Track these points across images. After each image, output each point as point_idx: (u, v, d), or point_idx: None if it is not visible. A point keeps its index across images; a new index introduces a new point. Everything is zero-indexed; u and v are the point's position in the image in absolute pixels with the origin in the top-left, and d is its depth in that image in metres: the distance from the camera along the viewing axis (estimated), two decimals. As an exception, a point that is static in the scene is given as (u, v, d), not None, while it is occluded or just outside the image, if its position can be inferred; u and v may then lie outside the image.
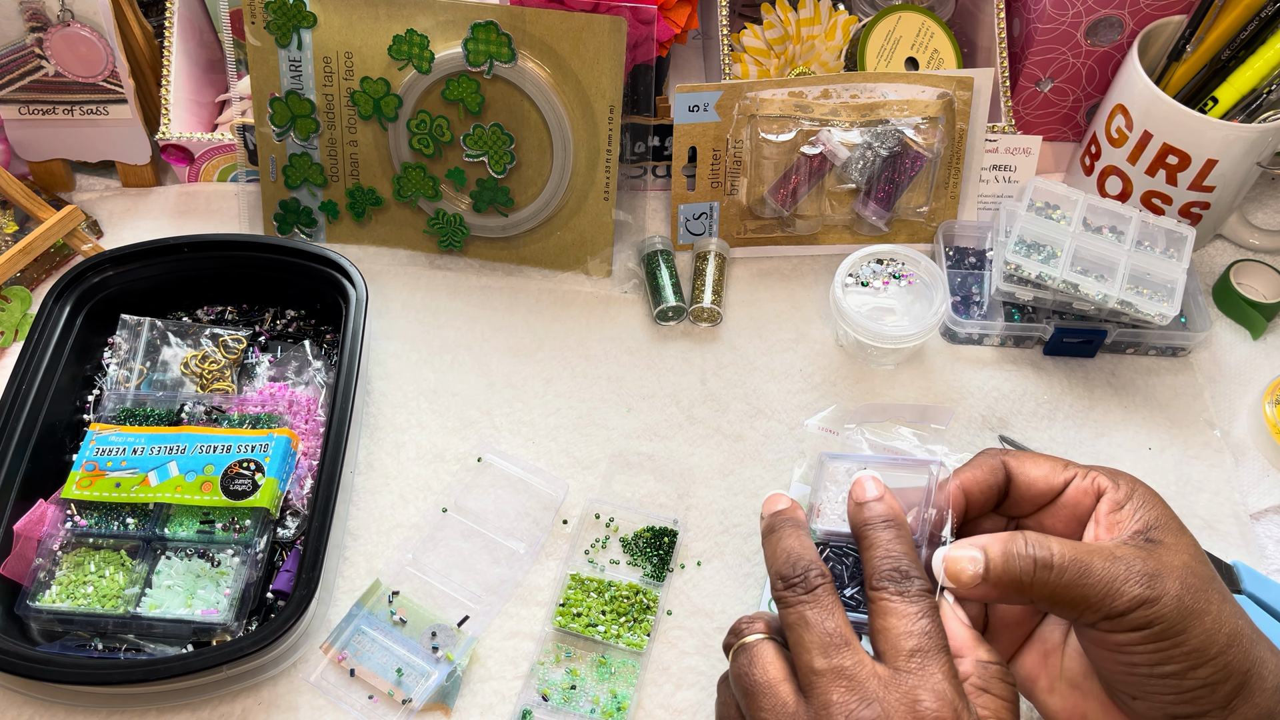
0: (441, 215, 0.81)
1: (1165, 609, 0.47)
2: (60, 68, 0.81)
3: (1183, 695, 0.47)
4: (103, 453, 0.66)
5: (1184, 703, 0.48)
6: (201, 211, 0.87)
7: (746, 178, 0.82)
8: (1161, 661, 0.47)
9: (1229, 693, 0.47)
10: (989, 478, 0.53)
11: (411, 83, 0.76)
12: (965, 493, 0.53)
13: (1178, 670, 0.47)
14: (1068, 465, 0.53)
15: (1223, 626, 0.47)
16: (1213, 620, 0.47)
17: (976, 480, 0.53)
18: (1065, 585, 0.47)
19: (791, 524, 0.51)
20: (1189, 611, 0.47)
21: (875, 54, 0.86)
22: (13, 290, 0.80)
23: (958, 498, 0.53)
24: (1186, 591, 0.47)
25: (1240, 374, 0.80)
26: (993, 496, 0.54)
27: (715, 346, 0.79)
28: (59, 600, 0.62)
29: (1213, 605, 0.47)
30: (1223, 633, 0.47)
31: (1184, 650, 0.47)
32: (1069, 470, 0.52)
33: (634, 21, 0.74)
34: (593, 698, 0.62)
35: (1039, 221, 0.77)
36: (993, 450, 0.55)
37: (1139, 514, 0.50)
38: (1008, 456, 0.54)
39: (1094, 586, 0.47)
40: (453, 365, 0.77)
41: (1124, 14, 0.82)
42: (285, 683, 0.62)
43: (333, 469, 0.64)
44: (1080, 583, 0.47)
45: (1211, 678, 0.47)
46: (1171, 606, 0.47)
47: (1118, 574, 0.47)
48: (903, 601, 0.47)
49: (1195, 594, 0.47)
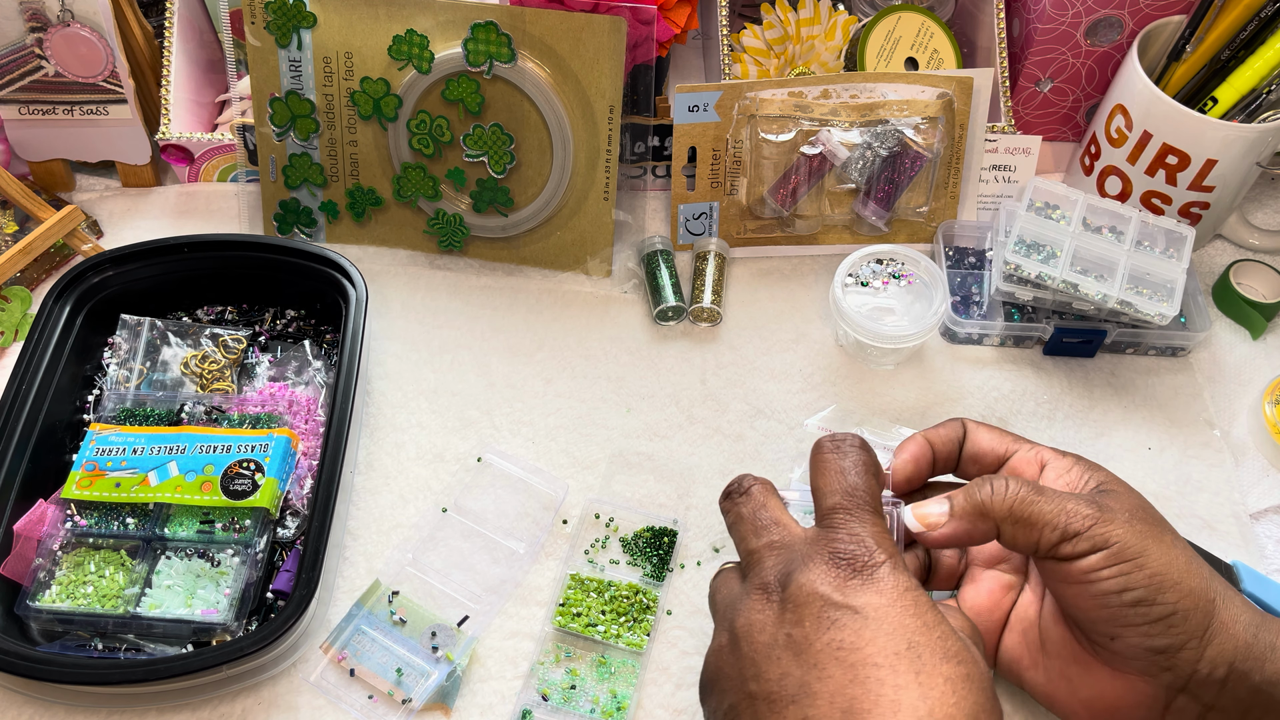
0: (441, 215, 0.81)
1: (1119, 527, 0.49)
2: (60, 68, 0.81)
3: (1155, 625, 0.49)
4: (103, 453, 0.66)
5: (1158, 634, 0.49)
6: (201, 211, 0.87)
7: (746, 178, 0.82)
8: (1127, 586, 0.49)
9: (1200, 621, 0.49)
10: (950, 434, 0.58)
11: (411, 83, 0.76)
12: (930, 442, 0.58)
13: (1145, 596, 0.49)
14: (1018, 439, 0.57)
15: (1180, 553, 0.50)
16: (1169, 546, 0.50)
17: (939, 435, 0.58)
18: (1023, 500, 0.51)
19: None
20: (1143, 534, 0.50)
21: (875, 54, 0.86)
22: (13, 290, 0.80)
23: (921, 446, 0.58)
24: (1136, 519, 0.50)
25: (1240, 374, 0.80)
26: (954, 450, 0.58)
27: (715, 346, 0.79)
28: (59, 600, 0.62)
29: (1166, 535, 0.51)
30: (1181, 558, 0.50)
31: (1146, 573, 0.49)
32: (1017, 443, 0.57)
33: (634, 21, 0.74)
34: (593, 698, 0.62)
35: (1039, 221, 0.77)
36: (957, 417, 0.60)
37: (1085, 477, 0.54)
38: (968, 420, 0.59)
39: (1049, 504, 0.50)
40: (453, 365, 0.77)
41: (1124, 14, 0.82)
42: (285, 683, 0.62)
43: (333, 469, 0.64)
44: (1037, 498, 0.50)
45: (1180, 603, 0.49)
46: (1124, 526, 0.50)
47: (1069, 499, 0.51)
48: (835, 455, 0.51)
49: (1146, 523, 0.50)
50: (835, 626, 0.45)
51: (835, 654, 0.44)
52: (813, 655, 0.44)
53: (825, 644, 0.44)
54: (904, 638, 0.44)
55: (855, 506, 0.49)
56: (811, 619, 0.45)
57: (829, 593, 0.45)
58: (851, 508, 0.49)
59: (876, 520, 0.49)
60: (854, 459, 0.51)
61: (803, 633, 0.45)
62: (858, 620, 0.45)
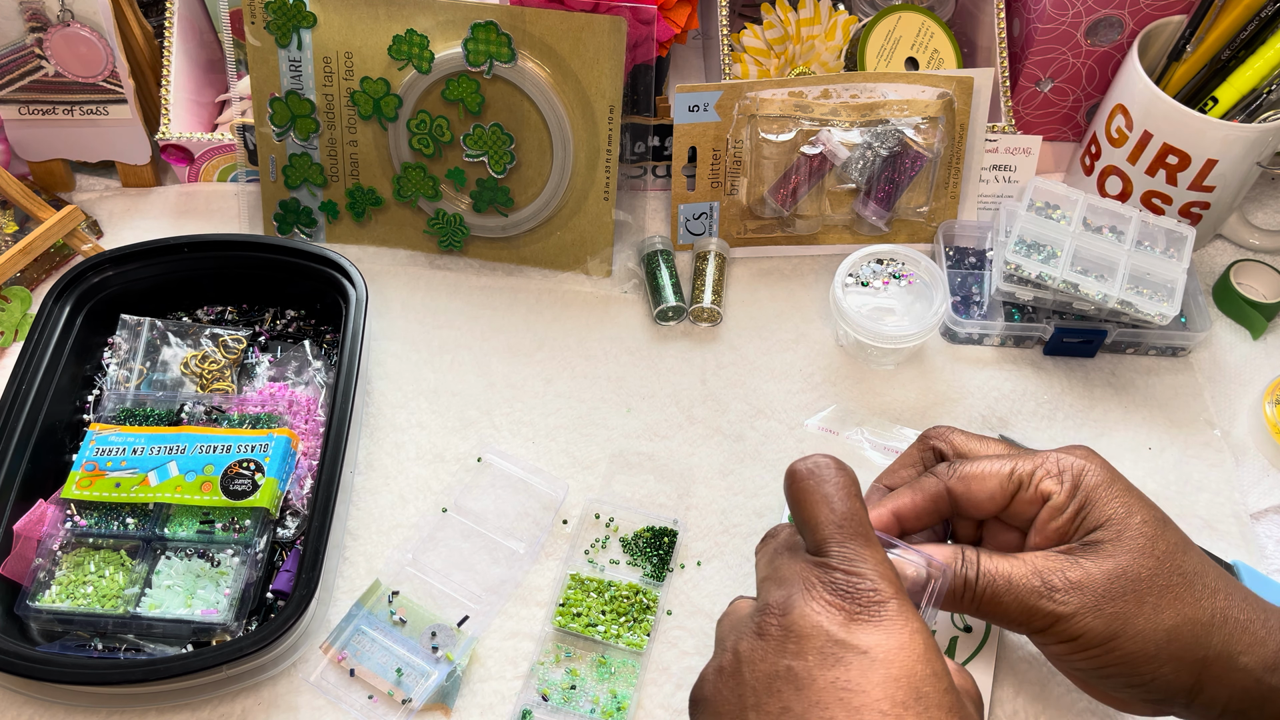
0: (441, 215, 0.81)
1: (1081, 622, 0.49)
2: (60, 68, 0.81)
3: (1135, 689, 0.50)
4: (103, 453, 0.66)
5: (1140, 694, 0.50)
6: (201, 211, 0.87)
7: (746, 178, 0.82)
8: (1101, 667, 0.50)
9: (1185, 681, 0.49)
10: (929, 505, 0.55)
11: (411, 83, 0.76)
12: (899, 519, 0.55)
13: (1121, 672, 0.49)
14: (1014, 471, 0.54)
15: (1159, 625, 0.49)
16: (1145, 621, 0.49)
17: (914, 506, 0.55)
18: (986, 603, 0.50)
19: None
20: (1113, 618, 0.49)
21: (875, 54, 0.86)
22: (13, 290, 0.80)
23: (888, 522, 0.55)
24: (1109, 600, 0.49)
25: (1240, 374, 0.80)
26: (933, 519, 0.56)
27: (715, 346, 0.79)
28: (59, 600, 0.62)
29: (1146, 606, 0.49)
30: (1159, 631, 0.49)
31: (1118, 655, 0.49)
32: (1013, 480, 0.54)
33: (634, 21, 0.74)
34: (593, 698, 0.62)
35: (1039, 221, 0.77)
36: (934, 440, 0.57)
37: (1080, 516, 0.52)
38: (952, 480, 0.55)
39: (1011, 607, 0.50)
40: (453, 365, 0.77)
41: (1124, 14, 0.82)
42: (285, 683, 0.62)
43: (333, 469, 0.64)
44: (998, 602, 0.50)
45: (1158, 672, 0.49)
46: (1089, 619, 0.49)
47: (1031, 593, 0.50)
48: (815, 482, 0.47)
49: (1122, 600, 0.49)
50: (840, 665, 0.42)
51: (839, 694, 0.42)
52: (815, 692, 0.42)
53: (829, 682, 0.42)
54: (912, 687, 0.41)
55: (848, 536, 0.45)
56: (814, 653, 0.43)
57: (833, 629, 0.43)
58: (845, 538, 0.45)
59: (874, 548, 0.45)
60: (835, 483, 0.47)
61: (805, 666, 0.43)
62: (864, 661, 0.42)
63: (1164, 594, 0.49)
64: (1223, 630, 0.49)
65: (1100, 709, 0.62)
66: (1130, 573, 0.50)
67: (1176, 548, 0.51)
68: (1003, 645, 0.64)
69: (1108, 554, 0.50)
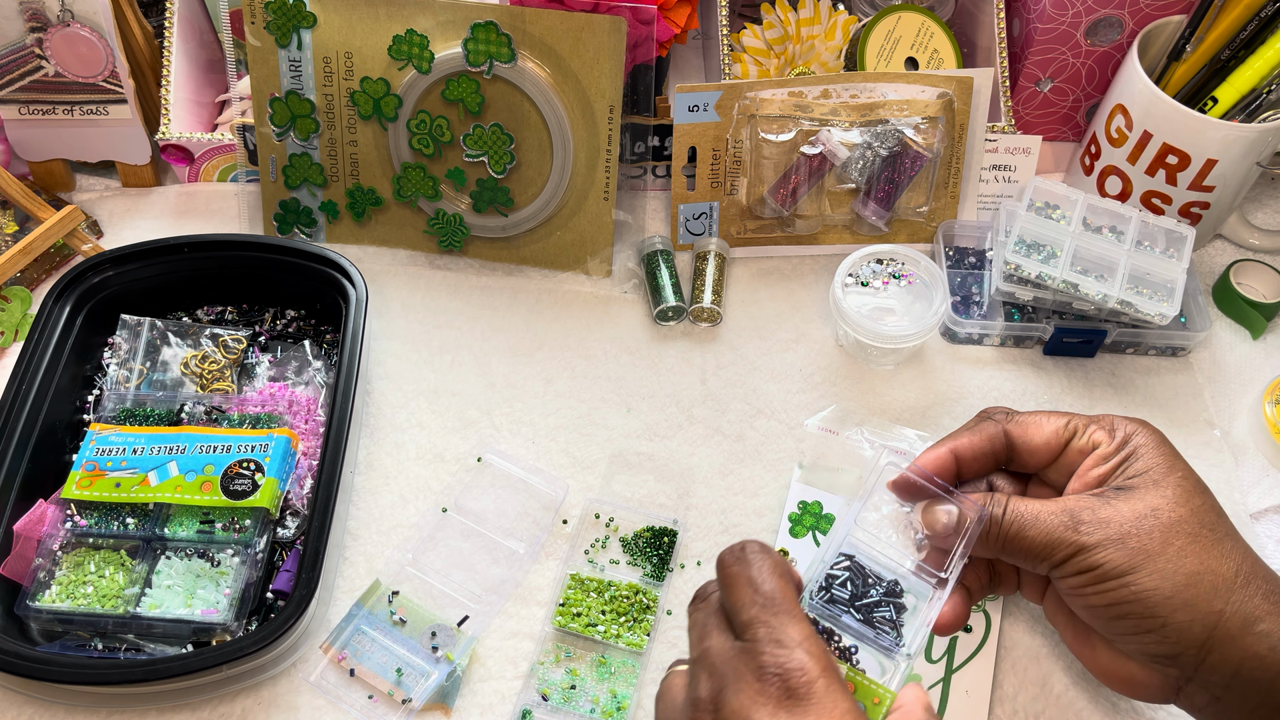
0: (441, 215, 0.81)
1: (1103, 553, 0.50)
2: (60, 68, 0.81)
3: (1146, 636, 0.50)
4: (103, 453, 0.66)
5: (1151, 643, 0.50)
6: (201, 211, 0.87)
7: (746, 178, 0.82)
8: (1115, 603, 0.50)
9: (1198, 634, 0.49)
10: (986, 445, 0.56)
11: (411, 83, 0.76)
12: (957, 458, 0.56)
13: (1135, 611, 0.49)
14: (1070, 422, 0.55)
15: (1181, 568, 0.49)
16: (1167, 561, 0.49)
17: (972, 446, 0.56)
18: (1011, 538, 0.52)
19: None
20: (1137, 551, 0.49)
21: (875, 54, 0.86)
22: (13, 290, 0.80)
23: (945, 461, 0.56)
24: (1134, 535, 0.50)
25: (1240, 374, 0.80)
26: (989, 463, 0.57)
27: (715, 346, 0.79)
28: (59, 600, 0.62)
29: (1170, 548, 0.50)
30: (1180, 573, 0.49)
31: (1134, 591, 0.49)
32: (1069, 429, 0.55)
33: (634, 21, 0.74)
34: (593, 697, 0.62)
35: (1039, 221, 0.77)
36: (995, 413, 0.58)
37: (1122, 466, 0.53)
38: (1010, 424, 0.56)
39: (1035, 539, 0.51)
40: (453, 365, 0.77)
41: (1124, 14, 0.82)
42: (285, 683, 0.62)
43: (333, 469, 0.64)
44: (1023, 535, 0.51)
45: (1172, 617, 0.49)
46: (1111, 550, 0.50)
47: (1058, 525, 0.51)
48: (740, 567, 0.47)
49: (1147, 536, 0.50)
50: None
51: None
52: None
53: None
54: None
55: (773, 615, 0.45)
56: None
57: (764, 718, 0.42)
58: (769, 618, 0.45)
59: (799, 624, 0.45)
60: (759, 565, 0.47)
61: None
62: None
63: (1191, 541, 0.50)
64: (1244, 591, 0.49)
65: (1099, 709, 0.62)
66: (1160, 513, 0.50)
67: (1212, 509, 0.52)
68: (1003, 645, 0.64)
69: (1140, 496, 0.51)
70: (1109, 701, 0.63)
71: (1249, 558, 0.50)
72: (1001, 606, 0.66)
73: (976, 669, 0.63)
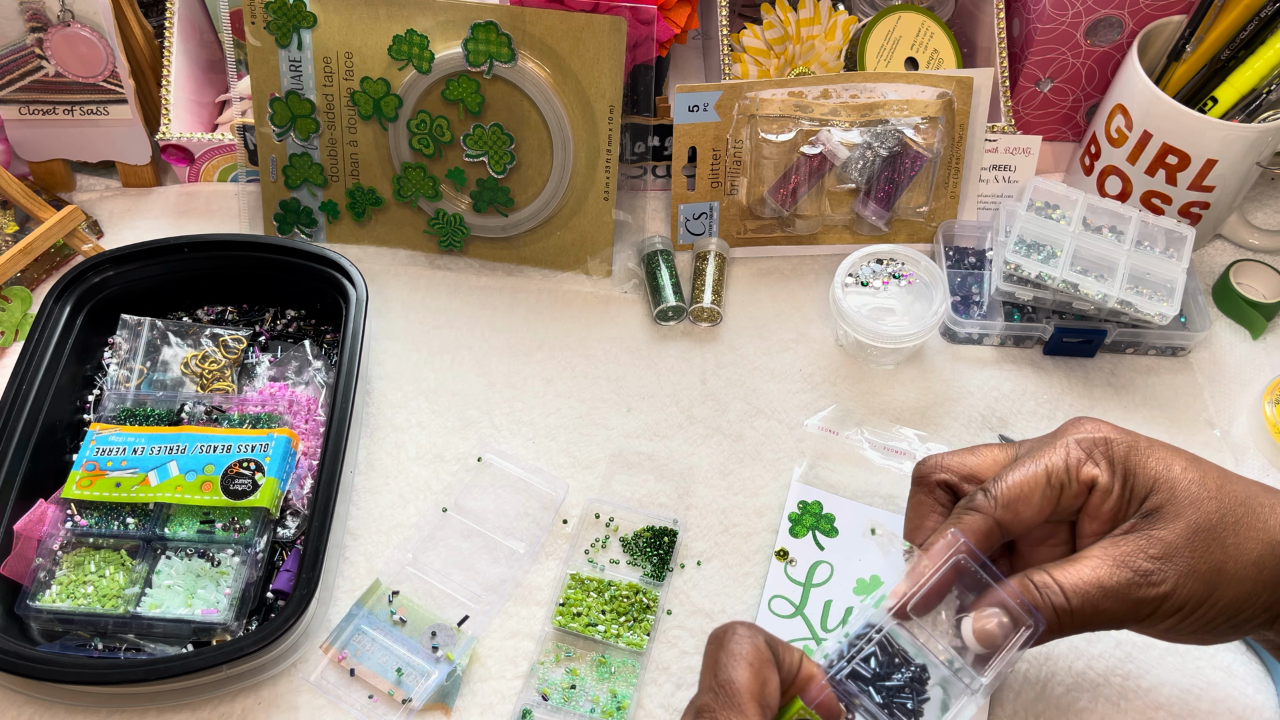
0: (441, 215, 0.81)
1: (1183, 591, 0.48)
2: (60, 68, 0.81)
3: (1242, 625, 0.50)
4: (103, 453, 0.66)
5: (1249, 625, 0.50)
6: (201, 211, 0.87)
7: (746, 178, 0.82)
8: (1208, 622, 0.49)
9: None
10: (984, 545, 0.52)
11: (411, 83, 0.76)
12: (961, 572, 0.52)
13: (1225, 615, 0.49)
14: (1051, 476, 0.51)
15: (1246, 560, 0.49)
16: (1234, 564, 0.49)
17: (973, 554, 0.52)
18: (1089, 619, 0.48)
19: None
20: (1208, 573, 0.48)
21: (875, 54, 0.86)
22: (13, 290, 0.80)
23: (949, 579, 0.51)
24: (1198, 558, 0.48)
25: (1240, 374, 0.80)
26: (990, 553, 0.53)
27: (715, 346, 0.79)
28: (59, 600, 0.62)
29: (1229, 548, 0.49)
30: (1248, 566, 0.49)
31: (1221, 605, 0.49)
32: (1054, 485, 0.51)
33: (634, 21, 0.74)
34: (593, 697, 0.62)
35: (1039, 221, 0.77)
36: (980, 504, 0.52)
37: (1127, 490, 0.51)
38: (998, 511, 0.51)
39: (1114, 611, 0.48)
40: (453, 365, 0.77)
41: (1124, 14, 0.82)
42: (285, 682, 0.62)
43: (333, 469, 0.64)
44: (1101, 610, 0.48)
45: (1258, 601, 0.49)
46: (1188, 584, 0.48)
47: (1126, 584, 0.48)
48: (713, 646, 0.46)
49: (1206, 552, 0.48)
50: None
51: None
52: None
53: None
54: None
55: (720, 706, 0.43)
56: None
57: None
58: (717, 708, 0.43)
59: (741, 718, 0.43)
60: (731, 649, 0.44)
61: None
62: None
63: (1238, 529, 0.49)
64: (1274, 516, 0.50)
65: (1099, 709, 0.62)
66: (1203, 524, 0.49)
67: (1223, 478, 0.51)
68: (1003, 645, 0.64)
69: (1173, 515, 0.49)
70: (1109, 701, 0.63)
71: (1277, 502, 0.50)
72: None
73: (976, 669, 0.63)
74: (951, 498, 0.54)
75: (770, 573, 0.67)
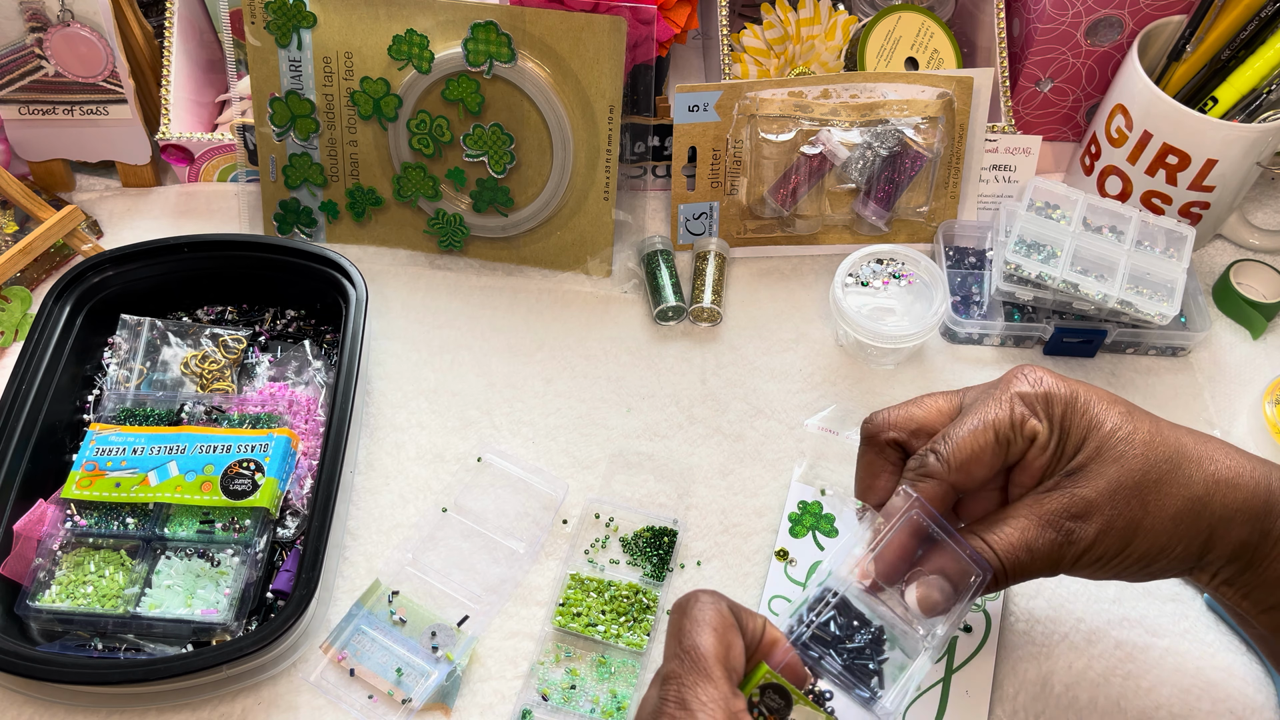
0: (441, 215, 0.81)
1: (1102, 543, 0.50)
2: (60, 68, 0.81)
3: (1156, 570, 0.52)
4: (103, 453, 0.66)
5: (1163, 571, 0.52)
6: (201, 211, 0.87)
7: (746, 178, 0.82)
8: (1122, 570, 0.52)
9: (1198, 549, 0.51)
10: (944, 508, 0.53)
11: (411, 83, 0.76)
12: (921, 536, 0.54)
13: (1139, 564, 0.51)
14: (999, 433, 0.52)
15: (1164, 515, 0.50)
16: (1152, 519, 0.50)
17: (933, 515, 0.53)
18: (1016, 577, 0.51)
19: None
20: (1125, 528, 0.50)
21: (875, 54, 0.86)
22: (13, 290, 0.80)
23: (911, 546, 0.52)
24: (1117, 513, 0.50)
25: (1240, 374, 0.80)
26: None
27: (715, 346, 0.79)
28: (59, 600, 0.62)
29: (1149, 505, 0.50)
30: (1166, 521, 0.50)
31: (1135, 556, 0.51)
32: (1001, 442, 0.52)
33: (634, 21, 0.74)
34: (593, 697, 0.62)
35: (1039, 221, 0.77)
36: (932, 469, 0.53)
37: (1060, 446, 0.52)
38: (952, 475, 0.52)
39: (1040, 566, 0.51)
40: (453, 365, 0.77)
41: (1124, 14, 0.82)
42: (285, 682, 0.62)
43: (333, 469, 0.64)
44: (1029, 569, 0.51)
45: (1173, 553, 0.51)
46: (1106, 538, 0.50)
47: (1052, 543, 0.51)
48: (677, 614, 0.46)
49: (1126, 507, 0.50)
50: None
51: None
52: None
53: None
54: None
55: (687, 672, 0.43)
56: None
57: None
58: (683, 674, 0.43)
59: (707, 685, 0.42)
60: (695, 616, 0.45)
61: None
62: None
63: (1159, 486, 0.51)
64: (1217, 495, 0.51)
65: (1098, 709, 0.62)
66: (1125, 481, 0.51)
67: (1152, 434, 0.52)
68: (1003, 645, 0.64)
69: (1097, 473, 0.51)
70: (1109, 701, 0.63)
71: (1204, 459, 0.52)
72: (1001, 607, 0.66)
73: (976, 669, 0.63)
74: (901, 455, 0.56)
75: (770, 573, 0.67)
